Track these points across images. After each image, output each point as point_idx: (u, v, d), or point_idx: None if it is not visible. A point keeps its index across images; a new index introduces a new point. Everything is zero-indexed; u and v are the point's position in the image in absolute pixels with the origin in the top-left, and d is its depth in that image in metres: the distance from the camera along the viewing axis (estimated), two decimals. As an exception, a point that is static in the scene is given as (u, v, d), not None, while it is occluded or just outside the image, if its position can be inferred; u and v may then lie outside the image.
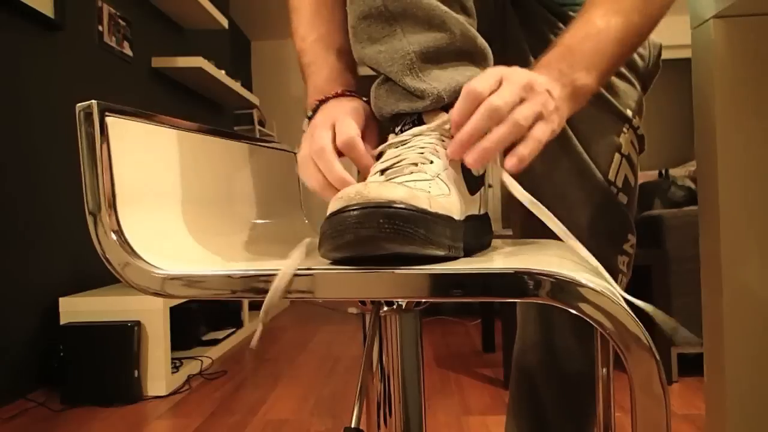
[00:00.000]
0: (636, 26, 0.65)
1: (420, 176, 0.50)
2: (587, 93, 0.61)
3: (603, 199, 0.77)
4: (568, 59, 0.60)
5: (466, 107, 0.52)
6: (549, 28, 0.77)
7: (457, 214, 0.50)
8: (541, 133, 0.53)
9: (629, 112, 0.79)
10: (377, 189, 0.42)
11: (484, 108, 0.51)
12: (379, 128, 0.63)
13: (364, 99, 0.65)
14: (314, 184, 0.58)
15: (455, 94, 0.55)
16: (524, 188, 0.52)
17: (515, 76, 0.54)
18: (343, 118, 0.59)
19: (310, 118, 0.65)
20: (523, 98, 0.53)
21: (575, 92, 0.59)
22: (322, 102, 0.65)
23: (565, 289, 0.40)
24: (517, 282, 0.41)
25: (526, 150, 0.52)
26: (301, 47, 0.73)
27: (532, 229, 0.80)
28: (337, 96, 0.65)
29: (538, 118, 0.53)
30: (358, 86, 0.71)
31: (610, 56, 0.63)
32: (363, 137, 0.58)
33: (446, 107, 0.56)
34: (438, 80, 0.56)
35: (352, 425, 0.50)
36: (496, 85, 0.53)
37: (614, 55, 0.64)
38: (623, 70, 0.79)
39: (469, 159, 0.52)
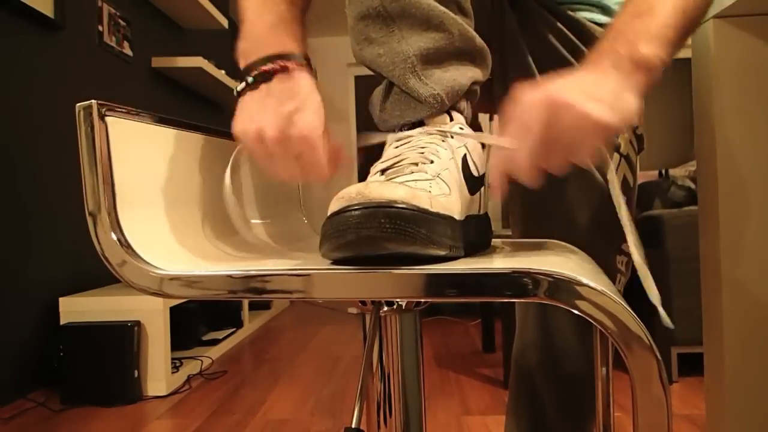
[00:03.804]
0: None
1: (421, 176, 0.50)
2: (652, 64, 0.56)
3: (601, 199, 0.77)
4: (620, 40, 0.55)
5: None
6: (547, 28, 0.77)
7: (458, 214, 0.50)
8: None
9: None
10: (378, 189, 0.42)
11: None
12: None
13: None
14: (285, 172, 0.55)
15: (457, 96, 0.56)
16: (520, 188, 0.52)
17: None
18: (309, 104, 0.55)
19: (253, 81, 0.58)
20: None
21: (637, 67, 0.55)
22: (276, 71, 0.57)
23: (565, 288, 0.40)
24: (516, 282, 0.41)
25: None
26: None
27: (532, 229, 0.80)
28: (294, 68, 0.57)
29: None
30: (305, 41, 0.63)
31: (673, 27, 0.57)
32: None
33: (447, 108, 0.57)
34: (440, 83, 0.56)
35: (352, 425, 0.50)
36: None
37: (677, 25, 0.57)
38: None
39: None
